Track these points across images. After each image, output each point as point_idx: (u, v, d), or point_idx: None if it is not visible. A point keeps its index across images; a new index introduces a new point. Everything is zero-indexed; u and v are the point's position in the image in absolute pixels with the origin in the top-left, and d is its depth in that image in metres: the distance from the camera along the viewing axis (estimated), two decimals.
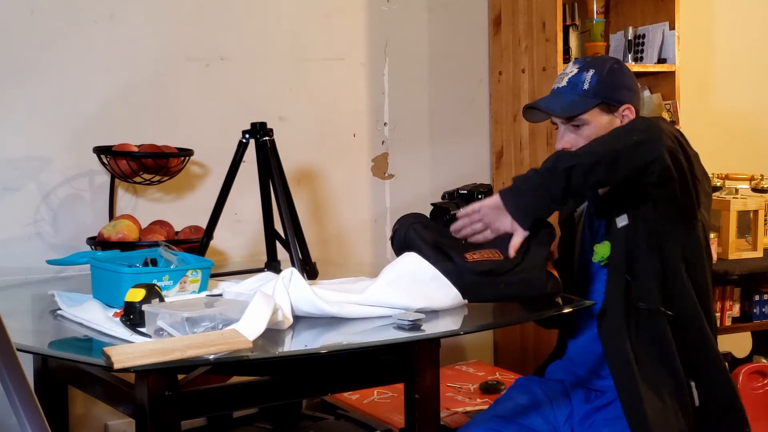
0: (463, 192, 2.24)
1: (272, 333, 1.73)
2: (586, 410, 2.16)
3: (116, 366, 1.49)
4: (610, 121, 2.16)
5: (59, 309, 1.96)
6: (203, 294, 2.01)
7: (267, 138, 2.37)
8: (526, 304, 2.10)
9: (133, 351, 1.54)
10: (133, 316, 1.74)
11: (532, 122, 2.31)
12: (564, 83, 2.19)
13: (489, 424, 2.15)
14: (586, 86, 2.16)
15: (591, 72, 2.17)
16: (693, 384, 2.07)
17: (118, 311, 1.81)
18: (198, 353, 1.55)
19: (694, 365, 2.08)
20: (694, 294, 2.08)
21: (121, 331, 1.73)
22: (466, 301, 1.95)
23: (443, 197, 2.26)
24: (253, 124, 2.38)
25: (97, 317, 1.85)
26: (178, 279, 1.97)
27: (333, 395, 2.78)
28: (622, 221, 2.11)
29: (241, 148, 2.39)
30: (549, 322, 2.36)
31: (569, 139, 2.17)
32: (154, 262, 2.03)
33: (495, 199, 1.98)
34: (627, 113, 2.17)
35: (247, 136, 2.39)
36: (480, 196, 2.16)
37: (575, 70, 2.20)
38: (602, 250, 2.18)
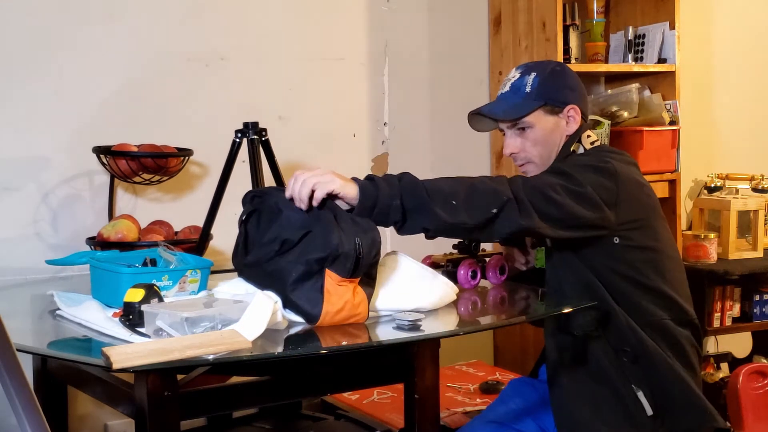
0: None
1: (271, 333, 1.73)
2: None
3: (115, 366, 1.49)
4: (555, 122, 2.15)
5: (58, 309, 1.96)
6: (203, 293, 2.01)
7: (259, 137, 2.37)
8: (525, 303, 2.11)
9: (132, 351, 1.54)
10: (132, 317, 1.74)
11: (478, 131, 2.29)
12: (507, 88, 2.18)
13: (485, 429, 2.16)
14: (528, 89, 2.14)
15: (533, 75, 2.15)
16: (641, 393, 2.05)
17: (117, 311, 1.81)
18: (197, 353, 1.54)
19: (641, 376, 2.05)
20: (619, 308, 2.04)
21: (120, 331, 1.73)
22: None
23: None
24: (245, 124, 2.38)
25: (96, 317, 1.85)
26: (178, 279, 1.97)
27: (333, 395, 2.78)
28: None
29: (235, 147, 2.39)
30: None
31: (516, 144, 2.17)
32: (154, 262, 2.02)
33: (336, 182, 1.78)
34: (572, 113, 2.15)
35: (239, 135, 2.39)
36: None
37: (517, 75, 2.19)
38: (541, 257, 2.22)
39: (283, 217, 1.80)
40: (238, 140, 2.40)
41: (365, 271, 1.79)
